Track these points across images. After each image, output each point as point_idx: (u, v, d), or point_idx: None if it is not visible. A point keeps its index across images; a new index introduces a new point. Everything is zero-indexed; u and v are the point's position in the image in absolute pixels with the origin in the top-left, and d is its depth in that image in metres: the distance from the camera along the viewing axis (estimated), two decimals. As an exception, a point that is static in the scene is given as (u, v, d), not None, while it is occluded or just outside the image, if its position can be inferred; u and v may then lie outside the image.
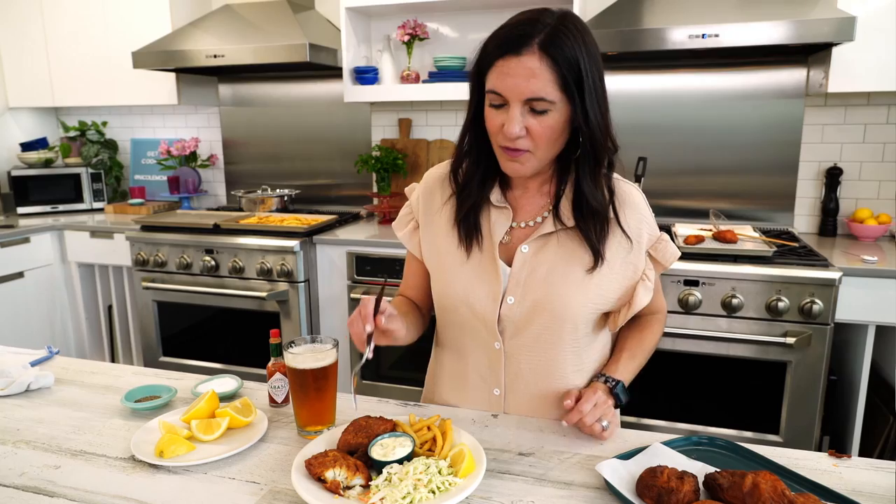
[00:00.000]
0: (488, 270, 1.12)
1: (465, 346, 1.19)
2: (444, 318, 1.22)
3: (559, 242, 1.11)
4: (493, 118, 1.03)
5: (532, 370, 1.15)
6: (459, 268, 1.15)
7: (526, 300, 1.10)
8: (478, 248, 1.14)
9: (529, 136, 1.01)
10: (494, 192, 1.14)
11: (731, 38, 2.14)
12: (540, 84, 0.97)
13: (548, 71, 0.97)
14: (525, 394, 1.16)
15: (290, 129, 3.33)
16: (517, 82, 0.97)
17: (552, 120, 1.00)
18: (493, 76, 1.00)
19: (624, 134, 1.10)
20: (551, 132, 1.01)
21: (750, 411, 2.16)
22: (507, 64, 0.98)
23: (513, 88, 0.98)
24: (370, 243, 2.57)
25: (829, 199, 2.55)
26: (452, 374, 1.23)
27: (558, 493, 0.90)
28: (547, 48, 0.96)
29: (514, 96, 0.98)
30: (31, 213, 3.37)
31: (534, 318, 1.11)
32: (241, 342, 2.80)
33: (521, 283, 1.11)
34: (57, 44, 3.28)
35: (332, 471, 0.88)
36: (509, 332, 1.13)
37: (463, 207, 1.14)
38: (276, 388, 1.18)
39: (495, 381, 1.17)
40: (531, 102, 0.98)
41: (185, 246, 2.75)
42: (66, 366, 1.41)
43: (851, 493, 0.87)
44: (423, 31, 2.84)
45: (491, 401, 1.18)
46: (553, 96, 0.98)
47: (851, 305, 2.07)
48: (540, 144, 1.02)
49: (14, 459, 1.01)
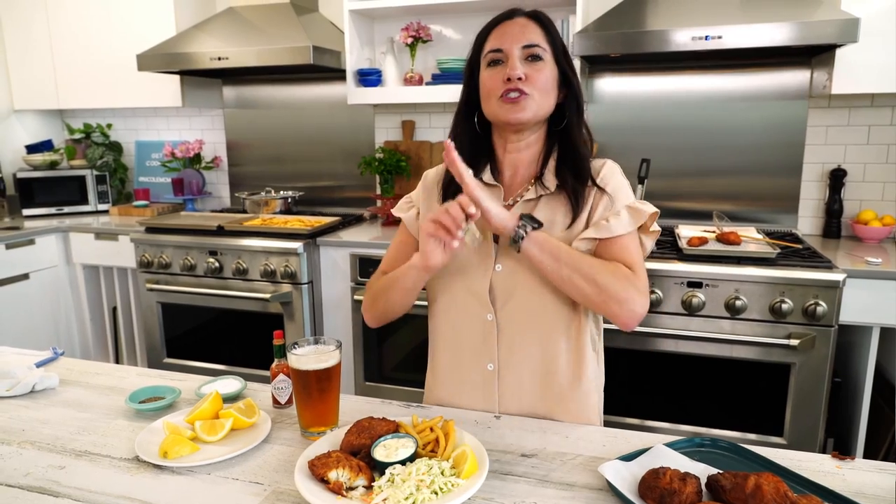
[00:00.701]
0: (480, 244, 1.19)
1: (459, 323, 1.22)
2: (436, 300, 1.26)
3: (542, 207, 1.17)
4: (491, 76, 1.15)
5: (524, 342, 1.17)
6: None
7: (511, 265, 1.16)
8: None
9: (528, 80, 1.13)
10: (486, 173, 1.23)
11: (734, 39, 2.14)
12: (533, 34, 1.15)
13: (538, 28, 1.16)
14: (518, 369, 1.18)
15: (293, 131, 3.34)
16: (514, 35, 1.15)
17: (546, 69, 1.14)
18: (491, 40, 1.17)
19: (627, 135, 1.12)
20: (546, 80, 1.14)
21: (754, 413, 2.16)
22: (502, 26, 1.17)
23: (510, 38, 1.14)
24: (373, 245, 2.58)
25: (833, 201, 2.54)
26: (447, 353, 1.25)
27: (561, 494, 0.90)
28: (533, 16, 1.18)
29: (512, 45, 1.14)
30: (36, 214, 3.39)
31: (521, 282, 1.15)
32: (245, 344, 2.81)
33: (508, 249, 1.15)
34: (62, 46, 3.30)
35: (335, 471, 0.88)
36: (500, 301, 1.17)
37: (450, 189, 1.22)
38: (279, 389, 1.19)
39: (489, 355, 1.19)
40: (527, 49, 1.14)
41: (189, 248, 2.76)
42: (71, 367, 1.42)
43: (854, 494, 0.87)
44: (426, 34, 2.85)
45: (485, 376, 1.20)
46: (545, 46, 1.15)
47: (855, 307, 2.06)
48: (538, 86, 1.13)
49: (19, 460, 1.02)
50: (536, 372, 1.18)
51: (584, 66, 2.64)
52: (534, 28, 1.15)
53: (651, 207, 1.18)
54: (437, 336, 1.28)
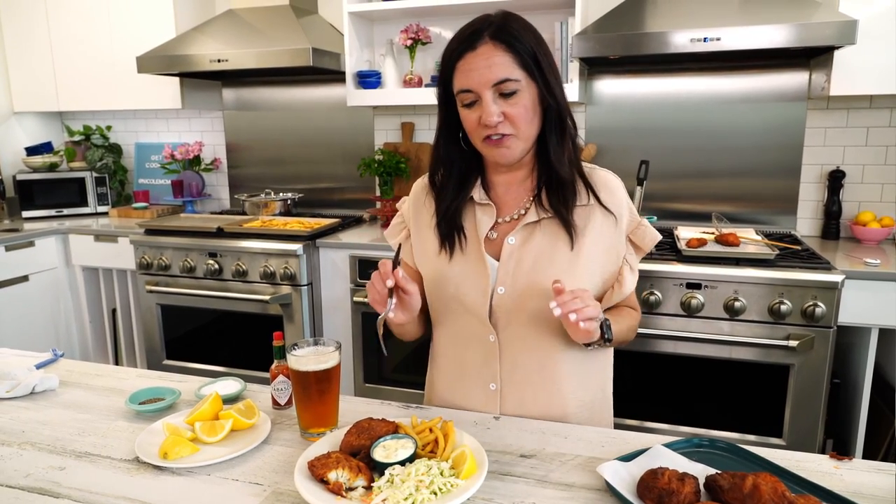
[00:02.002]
0: (476, 266, 1.16)
1: (461, 344, 1.21)
2: (438, 320, 1.24)
3: (543, 230, 1.15)
4: (469, 117, 1.09)
5: (527, 362, 1.16)
6: (447, 267, 1.18)
7: (516, 288, 1.14)
8: (462, 246, 1.17)
9: (507, 120, 1.07)
10: (477, 190, 1.19)
11: (733, 41, 2.14)
12: (501, 68, 1.04)
13: (505, 54, 1.05)
14: (520, 388, 1.17)
15: (293, 132, 3.35)
16: (480, 73, 1.05)
17: (524, 99, 1.06)
18: (458, 77, 1.08)
19: (626, 137, 1.12)
20: (525, 111, 1.07)
21: (753, 414, 2.16)
22: (466, 60, 1.06)
23: (478, 80, 1.05)
24: (373, 247, 2.58)
25: (832, 203, 2.55)
26: (449, 372, 1.24)
27: (559, 494, 0.91)
28: (498, 36, 1.05)
29: (481, 86, 1.05)
30: (35, 216, 3.39)
31: (525, 305, 1.14)
32: (245, 345, 2.81)
33: (511, 273, 1.14)
34: (62, 49, 3.31)
35: (334, 472, 0.89)
36: (502, 323, 1.16)
37: (440, 209, 1.19)
38: (279, 390, 1.19)
39: (491, 375, 1.18)
40: (499, 86, 1.05)
41: (189, 249, 2.76)
42: (71, 368, 1.42)
43: (853, 494, 0.87)
44: (425, 36, 2.85)
45: (487, 395, 1.19)
46: (516, 75, 1.05)
47: (854, 308, 2.06)
48: (519, 125, 1.07)
49: (19, 461, 1.02)
50: (539, 391, 1.17)
51: (583, 67, 2.64)
52: (501, 56, 1.04)
53: (653, 236, 1.20)
54: (438, 353, 1.27)
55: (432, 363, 1.30)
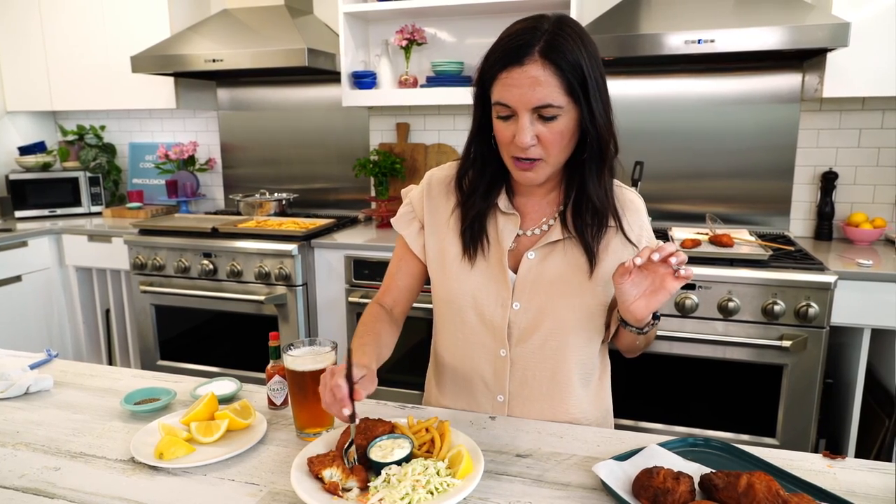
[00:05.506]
0: (496, 276, 1.13)
1: (469, 354, 1.18)
2: (446, 325, 1.21)
3: (565, 250, 1.12)
4: (502, 130, 1.03)
5: (537, 377, 1.15)
6: (467, 274, 1.15)
7: (532, 306, 1.11)
8: (484, 254, 1.14)
9: (540, 143, 1.01)
10: (502, 198, 1.14)
11: (727, 43, 2.16)
12: (546, 91, 0.97)
13: (552, 77, 0.96)
14: (529, 401, 1.17)
15: (288, 133, 3.34)
16: (523, 92, 0.97)
17: (561, 125, 1.00)
18: (498, 88, 1.00)
19: (621, 138, 1.11)
20: (561, 138, 1.01)
21: (746, 414, 2.17)
22: (511, 75, 0.98)
23: (519, 98, 0.98)
24: (368, 247, 2.58)
25: (825, 204, 2.56)
26: (455, 381, 1.22)
27: (555, 493, 0.91)
28: (548, 54, 0.96)
29: (521, 106, 0.98)
30: (29, 216, 3.37)
31: (540, 324, 1.12)
32: (239, 346, 2.80)
33: (527, 290, 1.12)
34: (55, 48, 3.29)
35: (328, 470, 0.89)
36: (515, 339, 1.14)
37: (468, 216, 1.14)
38: (274, 390, 1.19)
39: (499, 388, 1.17)
40: (539, 110, 0.98)
41: (183, 250, 2.75)
42: (65, 369, 1.41)
43: (846, 493, 0.88)
44: (420, 36, 2.86)
45: (494, 407, 1.19)
46: (560, 101, 0.97)
47: (847, 309, 2.08)
48: (551, 151, 1.02)
49: (14, 461, 1.02)
50: (546, 408, 1.16)
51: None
52: (547, 79, 0.96)
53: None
54: (443, 358, 1.24)
55: (435, 367, 1.28)
